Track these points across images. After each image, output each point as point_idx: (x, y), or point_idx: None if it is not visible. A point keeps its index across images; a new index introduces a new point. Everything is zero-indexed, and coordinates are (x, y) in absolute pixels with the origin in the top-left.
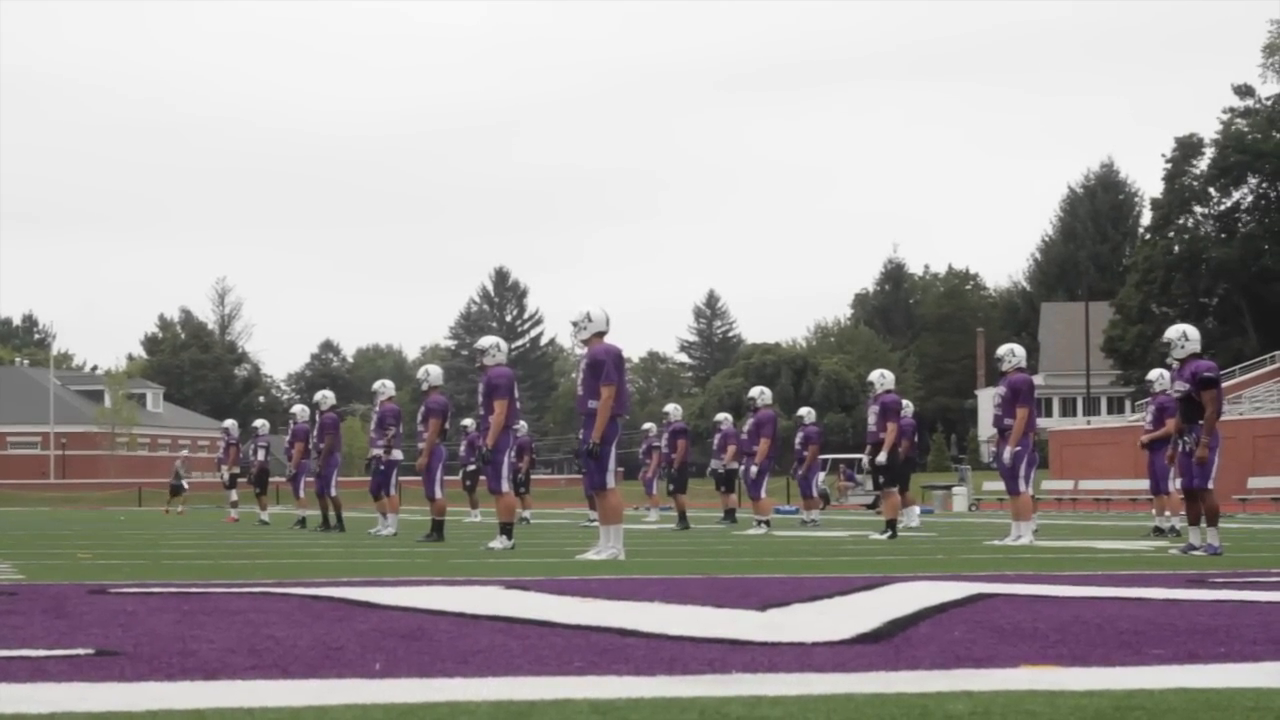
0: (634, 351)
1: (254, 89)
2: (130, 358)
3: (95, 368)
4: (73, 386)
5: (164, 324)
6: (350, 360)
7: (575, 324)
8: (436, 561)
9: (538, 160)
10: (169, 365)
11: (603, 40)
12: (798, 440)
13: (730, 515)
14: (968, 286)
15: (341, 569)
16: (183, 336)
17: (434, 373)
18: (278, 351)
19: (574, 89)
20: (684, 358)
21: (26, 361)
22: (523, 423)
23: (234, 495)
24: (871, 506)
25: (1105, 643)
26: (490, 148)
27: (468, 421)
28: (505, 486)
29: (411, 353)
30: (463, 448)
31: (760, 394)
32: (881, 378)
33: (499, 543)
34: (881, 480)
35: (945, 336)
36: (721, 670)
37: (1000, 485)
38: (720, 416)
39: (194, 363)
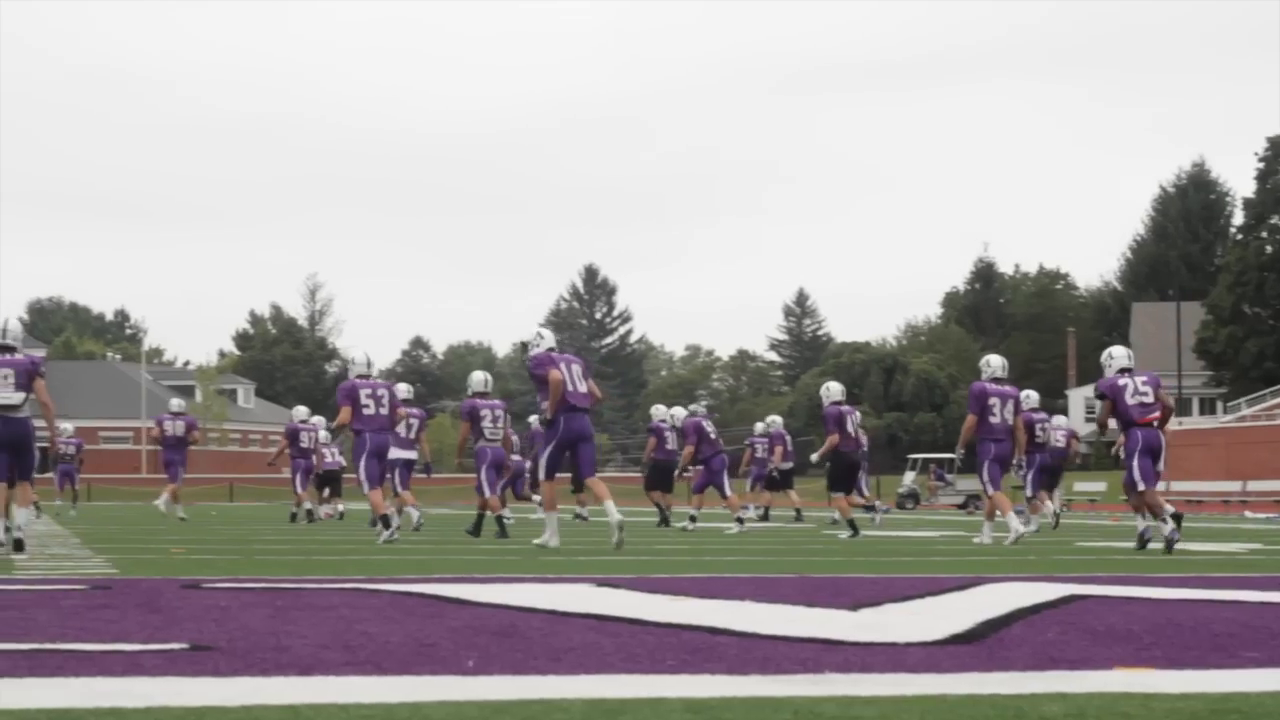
0: (724, 350)
1: (347, 88)
2: (221, 353)
3: (187, 363)
4: (164, 382)
5: (255, 320)
6: (440, 357)
7: (526, 343)
8: (527, 559)
9: (630, 157)
10: (260, 361)
11: (702, 37)
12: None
13: (764, 514)
14: (1058, 286)
15: (432, 566)
16: (274, 332)
17: (475, 378)
18: (368, 347)
19: (670, 85)
20: (774, 356)
21: (119, 357)
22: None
23: (324, 492)
24: (962, 506)
25: (1199, 645)
26: (581, 145)
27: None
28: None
29: (501, 349)
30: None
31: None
32: (827, 390)
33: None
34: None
35: (1036, 336)
36: (814, 670)
37: (1091, 486)
38: (771, 419)
39: (285, 358)
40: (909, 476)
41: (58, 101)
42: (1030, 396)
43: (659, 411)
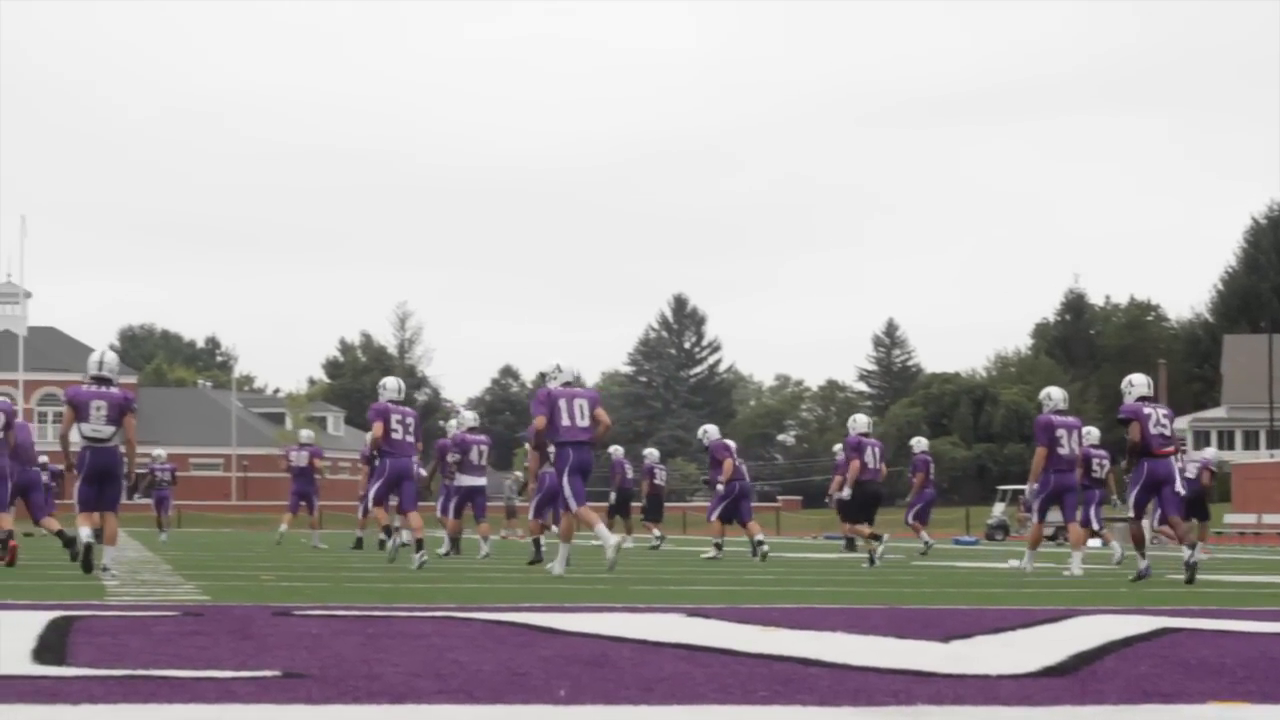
0: (813, 380)
1: (440, 120)
2: (311, 381)
3: (277, 390)
4: (255, 409)
5: (345, 348)
6: (530, 386)
7: (545, 374)
8: (617, 588)
9: (720, 187)
10: (350, 389)
11: (790, 68)
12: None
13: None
14: (1149, 317)
15: (522, 594)
16: (363, 360)
17: (465, 416)
18: (458, 376)
19: (760, 115)
20: (863, 387)
21: (210, 384)
22: (618, 447)
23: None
24: (1052, 538)
25: None
26: (671, 175)
27: (650, 450)
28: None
29: (590, 378)
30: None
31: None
32: (854, 422)
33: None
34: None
35: (1127, 367)
36: (906, 702)
37: (1241, 518)
38: (837, 447)
39: (375, 386)
40: (998, 508)
41: (152, 131)
42: (1091, 433)
43: (653, 455)
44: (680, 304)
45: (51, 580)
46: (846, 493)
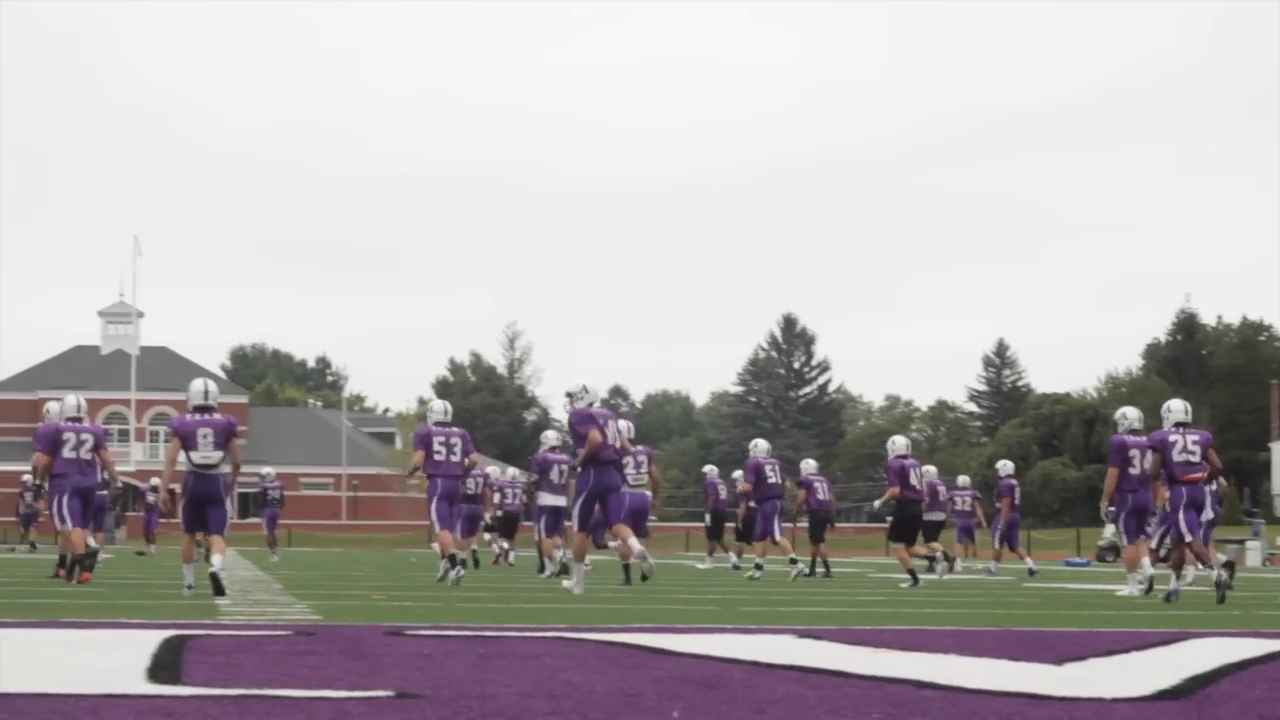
0: (923, 400)
1: (551, 141)
2: (421, 401)
3: (386, 410)
4: (365, 429)
5: (455, 368)
6: (639, 405)
7: (571, 394)
8: (727, 609)
9: (829, 207)
10: (459, 409)
11: (900, 87)
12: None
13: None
14: (1261, 338)
15: (633, 615)
16: (473, 380)
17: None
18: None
19: (869, 135)
20: (973, 407)
21: (320, 404)
22: (712, 467)
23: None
24: (1163, 560)
25: None
26: (779, 195)
27: (737, 474)
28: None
29: (700, 399)
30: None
31: (754, 445)
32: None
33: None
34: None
35: (1238, 388)
36: None
37: None
38: (927, 468)
39: (484, 406)
40: (1109, 529)
41: (264, 152)
42: None
43: (809, 465)
44: (789, 324)
45: (164, 599)
46: (876, 504)
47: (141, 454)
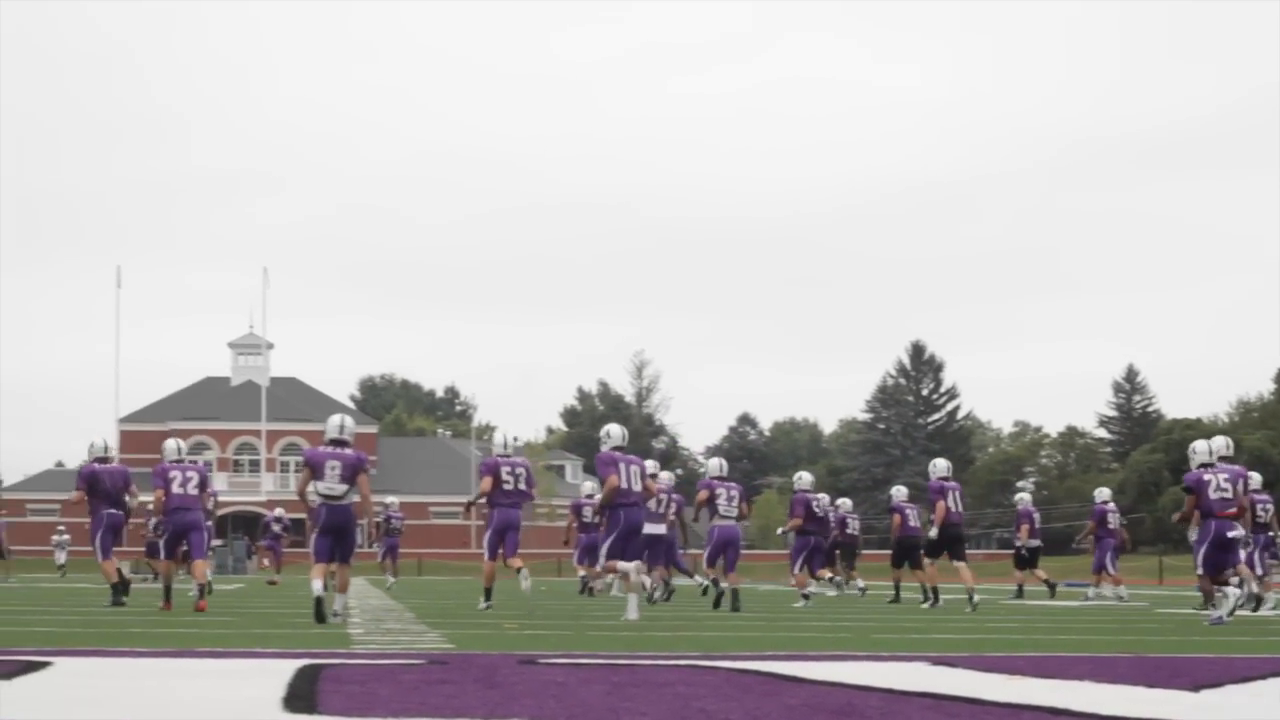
0: (1052, 426)
1: (675, 169)
2: (549, 430)
3: (515, 439)
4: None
5: (583, 396)
6: (767, 433)
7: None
8: (859, 636)
9: (957, 232)
10: (587, 437)
11: (1027, 110)
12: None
13: (1019, 591)
14: None
15: (765, 642)
16: (601, 409)
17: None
18: (695, 424)
19: (995, 159)
20: (1103, 433)
21: (449, 433)
22: (824, 495)
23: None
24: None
25: None
26: (907, 221)
27: (844, 500)
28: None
29: (828, 426)
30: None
31: (798, 479)
32: (934, 467)
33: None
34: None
35: None
36: None
37: None
38: (1019, 496)
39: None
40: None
41: (391, 184)
42: (1254, 479)
43: (900, 492)
44: (918, 350)
45: (298, 629)
46: (934, 532)
47: (272, 484)
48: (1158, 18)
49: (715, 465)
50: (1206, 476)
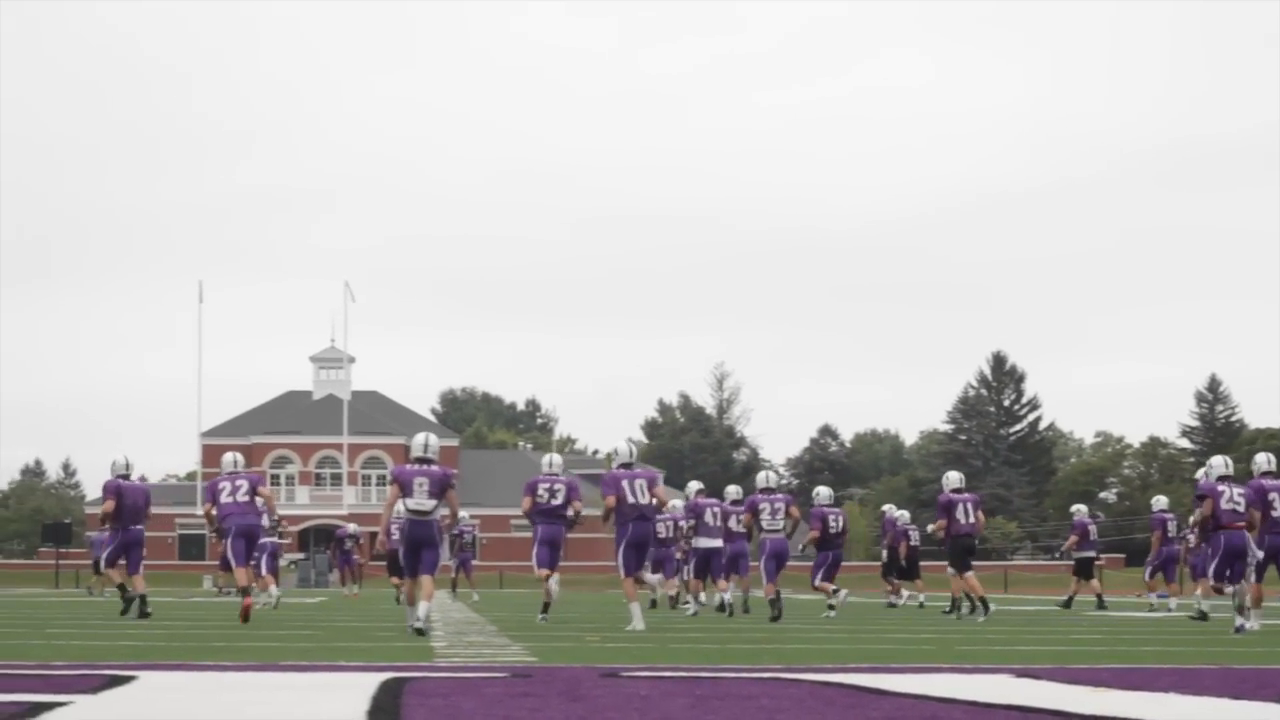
0: (1134, 436)
1: (755, 179)
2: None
3: (596, 452)
4: (575, 470)
5: (664, 409)
6: (848, 445)
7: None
8: (942, 649)
9: (1040, 241)
10: (669, 449)
11: (1110, 118)
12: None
13: (1099, 601)
14: None
15: (848, 655)
16: (682, 421)
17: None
18: (776, 436)
19: (1082, 167)
20: (1185, 443)
21: (530, 446)
22: (891, 505)
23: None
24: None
25: None
26: (989, 230)
27: (902, 513)
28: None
29: (909, 438)
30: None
31: (816, 494)
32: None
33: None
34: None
35: None
36: None
37: None
38: (1075, 507)
39: (694, 446)
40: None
41: (471, 196)
42: None
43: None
44: (999, 361)
45: (381, 641)
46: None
47: (354, 497)
48: (1236, 25)
49: (625, 450)
50: (1221, 488)
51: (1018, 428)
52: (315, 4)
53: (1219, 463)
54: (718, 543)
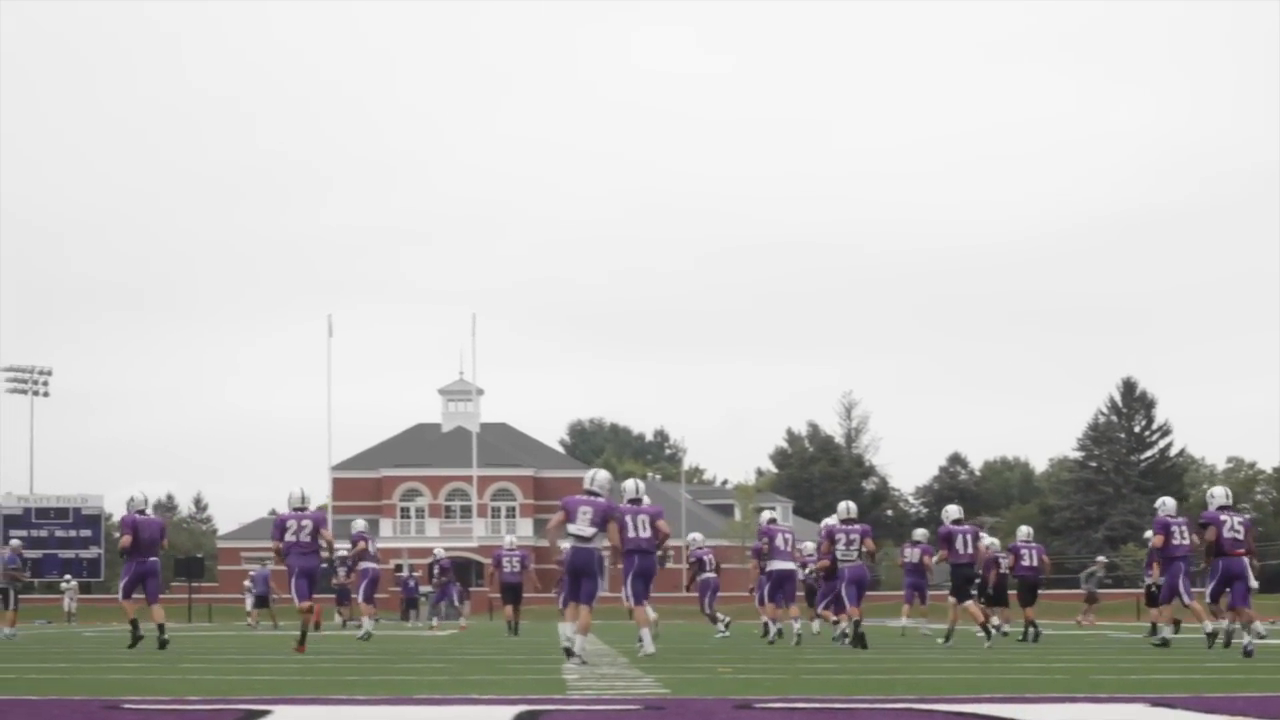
0: (1267, 462)
1: (882, 204)
2: (759, 472)
3: (725, 482)
4: (704, 501)
5: (792, 438)
6: (977, 473)
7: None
8: (1077, 678)
9: (1170, 266)
10: (798, 479)
11: (1248, 143)
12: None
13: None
14: None
15: (982, 685)
16: (811, 450)
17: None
18: (905, 464)
19: (1214, 194)
20: None
21: (659, 476)
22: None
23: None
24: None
25: None
26: (1119, 255)
27: (999, 533)
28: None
29: (1039, 465)
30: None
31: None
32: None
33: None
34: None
35: None
36: None
37: None
38: (1147, 534)
39: (823, 476)
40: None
41: (599, 228)
42: None
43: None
44: (1129, 387)
45: (513, 674)
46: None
47: (483, 530)
48: None
49: (631, 487)
50: (1223, 517)
51: (1148, 454)
52: (453, 37)
53: (1220, 493)
54: (790, 565)
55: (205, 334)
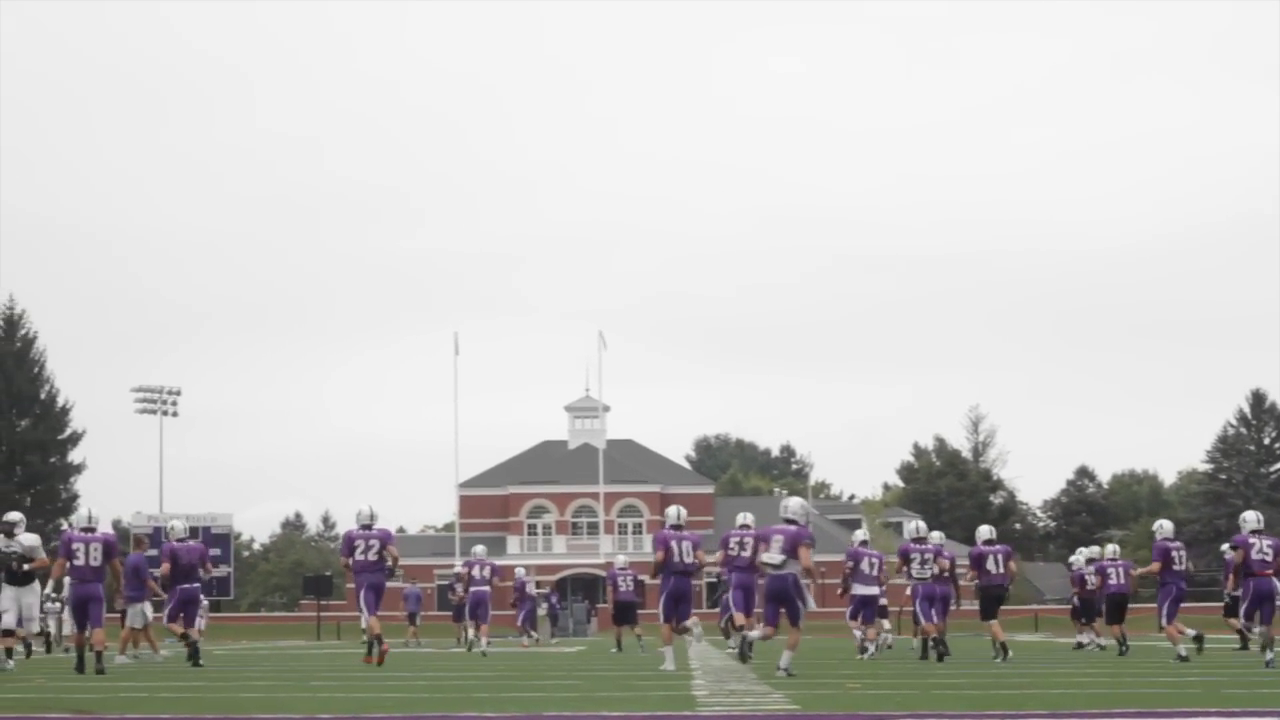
0: None
1: (1010, 222)
2: (886, 486)
3: (852, 497)
4: (831, 516)
5: (919, 452)
6: (1105, 486)
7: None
8: (1208, 692)
9: None
10: (925, 493)
11: None
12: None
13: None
14: None
15: (1114, 699)
16: (937, 464)
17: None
18: (1033, 478)
19: None
20: None
21: (785, 491)
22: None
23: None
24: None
25: None
26: (1248, 264)
27: (1080, 560)
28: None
29: (1168, 478)
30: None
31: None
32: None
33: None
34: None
35: None
36: None
37: None
38: (1224, 547)
39: (949, 490)
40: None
41: (726, 240)
42: None
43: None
44: (1258, 398)
45: (640, 690)
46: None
47: (610, 546)
48: None
49: (673, 514)
50: (1252, 541)
51: (1277, 467)
52: (582, 51)
53: (1251, 517)
54: (874, 590)
55: (333, 353)
